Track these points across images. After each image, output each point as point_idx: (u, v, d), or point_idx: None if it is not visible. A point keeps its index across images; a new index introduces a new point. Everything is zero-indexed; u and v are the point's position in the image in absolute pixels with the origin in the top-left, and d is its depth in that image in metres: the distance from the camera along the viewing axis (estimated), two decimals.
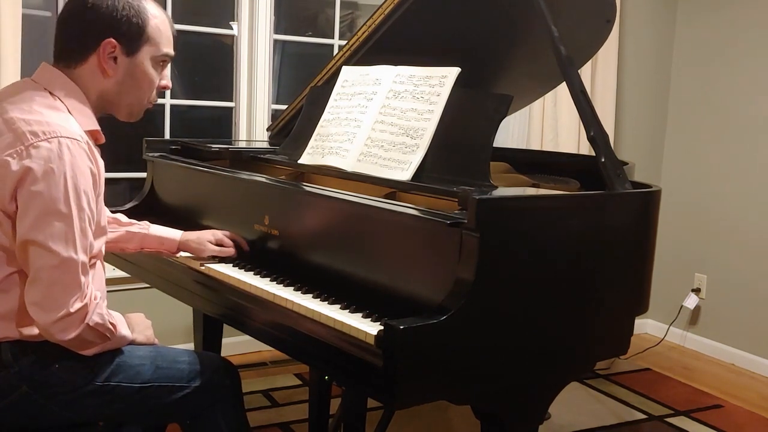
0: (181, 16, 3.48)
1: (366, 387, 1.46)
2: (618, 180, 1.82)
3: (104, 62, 1.58)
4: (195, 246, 1.99)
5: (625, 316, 1.81)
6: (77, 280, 1.49)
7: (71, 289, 1.49)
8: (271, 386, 3.20)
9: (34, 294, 1.48)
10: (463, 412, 2.72)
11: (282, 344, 1.78)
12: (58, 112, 1.54)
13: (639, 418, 3.11)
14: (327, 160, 2.02)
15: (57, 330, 1.49)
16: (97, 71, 1.60)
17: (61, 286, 1.48)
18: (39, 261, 1.47)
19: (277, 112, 3.42)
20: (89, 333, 1.53)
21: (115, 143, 3.72)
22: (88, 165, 1.51)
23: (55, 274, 1.47)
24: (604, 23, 2.34)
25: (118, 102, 1.66)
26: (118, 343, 1.64)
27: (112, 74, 1.60)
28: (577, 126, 3.76)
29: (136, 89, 1.65)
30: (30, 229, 1.46)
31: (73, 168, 1.47)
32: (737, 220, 3.86)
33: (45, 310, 1.48)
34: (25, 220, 1.46)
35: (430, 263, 1.53)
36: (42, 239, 1.45)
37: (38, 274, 1.47)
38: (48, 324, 1.48)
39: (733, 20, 3.88)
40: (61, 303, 1.48)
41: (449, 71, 1.89)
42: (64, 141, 1.47)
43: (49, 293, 1.48)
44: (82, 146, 1.50)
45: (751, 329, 3.79)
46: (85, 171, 1.50)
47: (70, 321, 1.49)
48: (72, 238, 1.48)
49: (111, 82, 1.61)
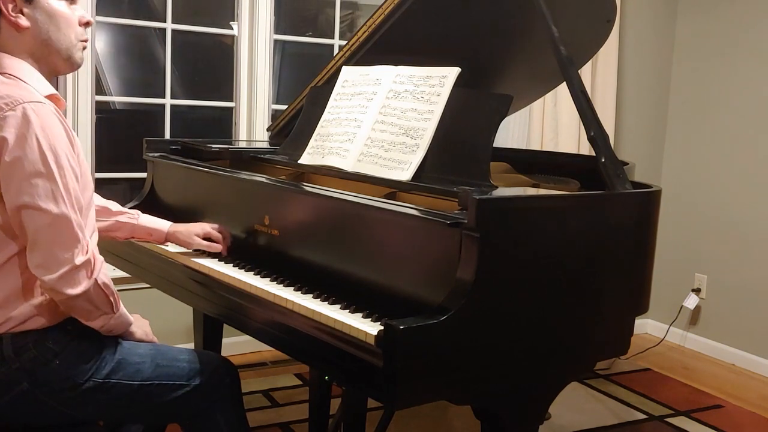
0: (181, 16, 3.48)
1: (366, 387, 1.46)
2: (618, 180, 1.82)
3: (13, 19, 1.58)
4: (182, 238, 2.02)
5: (625, 316, 1.81)
6: (75, 234, 1.51)
7: (71, 243, 1.51)
8: (271, 386, 3.20)
9: (37, 257, 1.50)
10: (463, 412, 2.72)
11: (282, 344, 1.78)
12: (14, 85, 1.55)
13: (639, 418, 3.11)
14: (327, 160, 2.02)
15: (65, 285, 1.50)
16: (13, 31, 1.60)
17: (60, 242, 1.50)
18: (33, 223, 1.49)
19: (277, 112, 3.43)
20: (97, 292, 1.55)
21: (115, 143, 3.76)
22: (59, 124, 1.53)
23: (51, 233, 1.49)
24: (604, 23, 2.34)
25: (50, 52, 1.64)
26: (120, 322, 1.66)
27: (26, 26, 1.59)
28: (577, 126, 3.76)
29: (57, 31, 1.63)
30: (17, 195, 1.48)
31: (44, 129, 1.49)
32: (737, 220, 3.86)
33: (50, 269, 1.50)
34: (10, 189, 1.49)
35: (430, 263, 1.53)
36: (30, 200, 1.48)
37: (36, 236, 1.49)
38: (55, 282, 1.50)
39: (733, 20, 3.88)
40: (63, 259, 1.50)
41: (449, 71, 1.89)
42: (28, 106, 1.49)
43: (50, 252, 1.49)
44: (48, 108, 1.52)
45: (751, 329, 3.79)
46: (56, 131, 1.52)
47: (77, 274, 1.51)
48: (59, 195, 1.50)
49: (30, 35, 1.60)
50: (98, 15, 3.20)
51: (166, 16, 3.39)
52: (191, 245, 2.01)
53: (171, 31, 3.41)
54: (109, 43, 3.89)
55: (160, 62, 3.66)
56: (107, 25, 3.54)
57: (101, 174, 3.31)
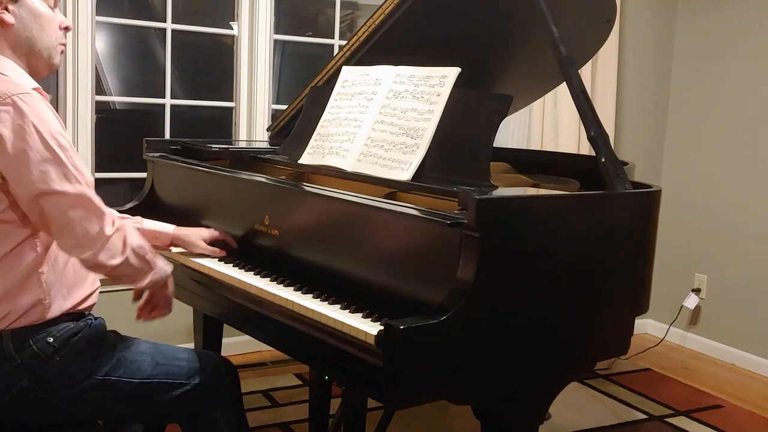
0: (181, 16, 3.48)
1: (366, 387, 1.46)
2: (618, 180, 1.82)
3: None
4: (187, 241, 2.01)
5: (625, 315, 1.81)
6: (98, 207, 1.55)
7: (97, 217, 1.55)
8: (271, 386, 3.20)
9: (69, 239, 1.54)
10: (463, 412, 2.72)
11: (282, 344, 1.78)
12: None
13: (639, 418, 3.11)
14: (327, 160, 2.02)
15: (105, 258, 1.55)
16: None
17: (87, 219, 1.53)
18: (55, 208, 1.51)
19: (277, 112, 3.42)
20: (134, 257, 1.61)
21: (115, 143, 3.76)
22: (49, 111, 1.55)
23: (76, 213, 1.52)
24: (605, 23, 2.34)
25: (32, 52, 1.64)
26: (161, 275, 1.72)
27: (11, 23, 1.60)
28: (577, 126, 3.76)
29: (40, 30, 1.64)
30: (31, 185, 1.50)
31: (38, 116, 1.51)
32: (737, 220, 3.86)
33: (85, 247, 1.54)
34: (22, 182, 1.50)
35: (430, 263, 1.53)
36: (46, 187, 1.50)
37: (62, 220, 1.52)
38: (94, 257, 1.54)
39: (734, 20, 3.88)
40: (95, 234, 1.54)
41: (449, 71, 1.89)
42: (18, 98, 1.50)
43: (81, 231, 1.53)
44: (37, 97, 1.54)
45: (751, 329, 3.79)
46: (49, 116, 1.54)
47: (113, 244, 1.56)
48: (71, 175, 1.52)
49: (14, 32, 1.61)
50: (98, 15, 3.20)
51: (166, 16, 3.38)
52: (196, 248, 1.99)
53: (171, 31, 3.40)
54: (109, 43, 3.89)
55: (160, 62, 3.66)
56: (107, 25, 3.54)
57: (101, 174, 3.31)
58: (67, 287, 1.63)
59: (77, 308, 1.66)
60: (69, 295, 1.64)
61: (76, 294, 1.66)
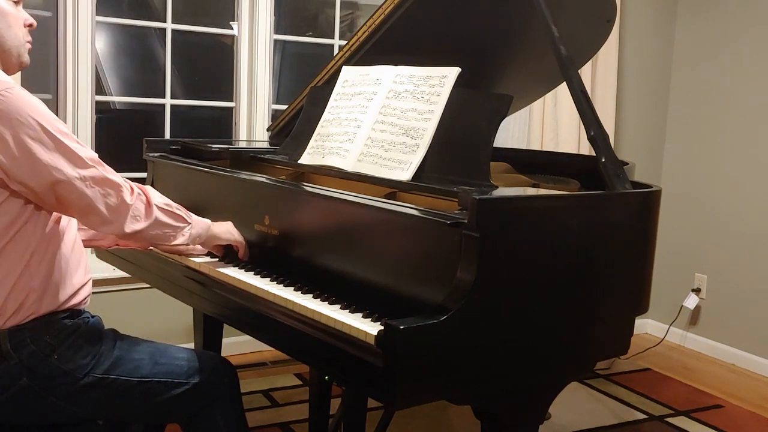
0: (181, 16, 3.48)
1: (366, 387, 1.46)
2: (618, 180, 1.82)
3: None
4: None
5: (625, 316, 1.81)
6: (112, 180, 1.58)
7: (115, 190, 1.58)
8: (271, 386, 3.20)
9: (93, 218, 1.58)
10: (463, 412, 2.72)
11: (282, 344, 1.78)
12: None
13: (639, 418, 3.11)
14: (327, 160, 2.02)
15: (134, 224, 1.61)
16: None
17: (105, 194, 1.57)
18: (72, 193, 1.54)
19: (277, 112, 3.43)
20: (163, 214, 1.66)
21: (115, 143, 3.76)
22: (36, 99, 1.55)
23: (93, 192, 1.55)
24: (604, 23, 2.34)
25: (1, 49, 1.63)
26: (201, 227, 1.78)
27: None
28: (578, 126, 3.76)
29: (7, 29, 1.63)
30: (43, 177, 1.51)
31: (30, 105, 1.51)
32: (737, 220, 3.86)
33: (112, 221, 1.59)
34: (33, 175, 1.51)
35: (431, 263, 1.53)
36: (58, 175, 1.52)
37: (82, 202, 1.55)
38: (124, 227, 1.60)
39: (734, 20, 3.88)
40: (118, 206, 1.58)
41: (449, 71, 1.89)
42: (4, 92, 1.49)
43: (103, 208, 1.57)
44: (20, 89, 1.53)
45: (751, 329, 3.79)
46: (40, 104, 1.54)
47: (137, 210, 1.61)
48: (76, 156, 1.54)
49: None
50: (98, 15, 3.20)
51: (166, 16, 3.39)
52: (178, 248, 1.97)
53: (171, 31, 3.41)
54: (109, 43, 3.89)
55: (160, 62, 3.66)
56: (107, 25, 3.54)
57: None
58: (60, 280, 1.63)
59: (71, 302, 1.66)
60: (63, 287, 1.64)
61: (70, 286, 1.65)
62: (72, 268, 1.67)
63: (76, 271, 1.69)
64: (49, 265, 1.61)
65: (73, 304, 1.66)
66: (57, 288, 1.62)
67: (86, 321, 1.68)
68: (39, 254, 1.59)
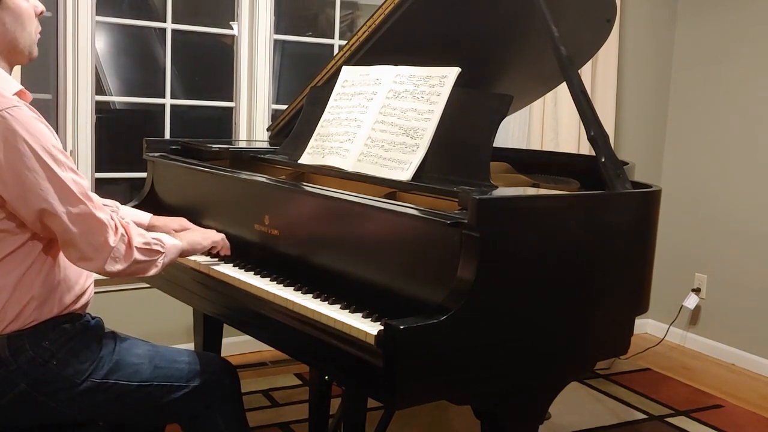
0: (181, 16, 3.48)
1: (366, 387, 1.46)
2: (618, 180, 1.82)
3: None
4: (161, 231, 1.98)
5: (625, 315, 1.81)
6: (98, 220, 1.55)
7: (99, 231, 1.55)
8: (271, 386, 3.20)
9: (74, 252, 1.56)
10: (463, 412, 2.72)
11: (282, 344, 1.78)
12: None
13: (639, 418, 3.11)
14: (327, 160, 2.02)
15: (113, 267, 1.58)
16: None
17: (89, 233, 1.54)
18: (57, 225, 1.52)
19: (277, 112, 3.42)
20: (141, 254, 1.62)
21: (115, 143, 3.76)
22: (39, 122, 1.52)
23: (77, 229, 1.53)
24: (605, 23, 2.34)
25: (15, 52, 1.64)
26: (175, 253, 1.74)
27: None
28: (578, 126, 3.76)
29: (22, 30, 1.63)
30: (31, 204, 1.50)
31: (30, 132, 1.48)
32: (738, 220, 3.86)
33: (91, 258, 1.56)
34: (22, 201, 1.50)
35: (431, 263, 1.53)
36: (46, 206, 1.50)
37: (65, 236, 1.54)
38: (102, 267, 1.57)
39: (734, 20, 3.88)
40: (100, 247, 1.55)
41: (449, 71, 1.89)
42: (5, 114, 1.47)
43: (84, 245, 1.54)
44: (24, 109, 1.51)
45: (751, 329, 3.79)
46: (41, 128, 1.51)
47: (118, 252, 1.58)
48: (68, 190, 1.52)
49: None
50: (98, 15, 3.20)
51: (166, 16, 3.38)
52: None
53: (171, 31, 3.40)
54: (109, 43, 3.89)
55: (160, 62, 3.66)
56: (107, 25, 3.54)
57: (101, 174, 3.31)
58: (61, 287, 1.63)
59: (72, 307, 1.65)
60: (63, 295, 1.63)
61: (70, 293, 1.65)
62: (74, 275, 1.67)
63: (78, 278, 1.68)
64: (50, 274, 1.61)
65: (73, 310, 1.66)
66: (58, 295, 1.62)
67: (86, 325, 1.68)
68: (40, 262, 1.59)
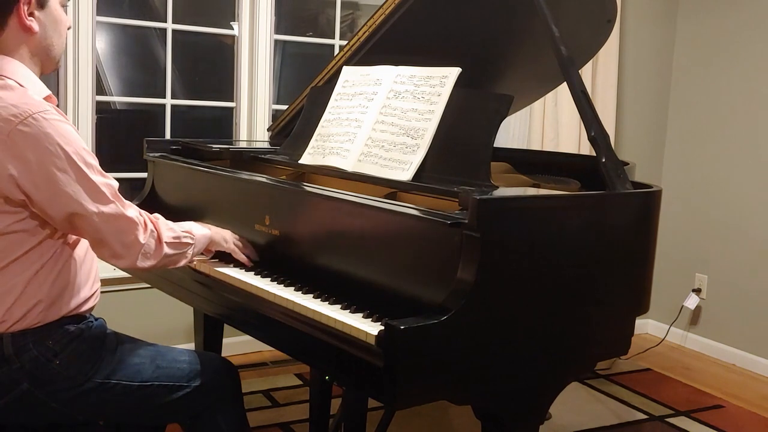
0: (182, 16, 3.48)
1: (366, 387, 1.46)
2: (618, 180, 1.82)
3: (27, 22, 1.59)
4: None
5: (625, 316, 1.81)
6: (128, 218, 1.59)
7: (130, 229, 1.60)
8: (272, 386, 3.20)
9: (106, 251, 1.60)
10: (463, 412, 2.72)
11: (282, 344, 1.78)
12: (14, 91, 1.54)
13: (639, 418, 3.11)
14: (328, 160, 2.02)
15: (144, 263, 1.63)
16: (20, 32, 1.60)
17: (120, 231, 1.58)
18: (89, 225, 1.55)
19: (278, 112, 3.43)
20: (171, 248, 1.68)
21: (115, 143, 3.76)
22: (69, 126, 1.55)
23: (108, 228, 1.56)
24: (605, 23, 2.34)
25: (48, 57, 1.66)
26: (204, 243, 1.81)
27: (35, 30, 1.60)
28: (578, 126, 3.76)
29: (57, 36, 1.66)
30: (62, 206, 1.52)
31: (61, 135, 1.50)
32: (738, 220, 3.86)
33: (123, 257, 1.61)
34: (52, 203, 1.51)
35: (431, 263, 1.53)
36: (78, 208, 1.52)
37: (96, 235, 1.57)
38: (134, 264, 1.62)
39: (734, 20, 3.88)
40: (131, 244, 1.60)
41: (450, 71, 1.89)
42: (38, 116, 1.49)
43: (116, 244, 1.58)
44: (54, 113, 1.53)
45: (752, 329, 3.79)
46: (71, 131, 1.54)
47: (150, 250, 1.63)
48: (98, 191, 1.55)
49: (36, 38, 1.62)
50: (98, 15, 3.20)
51: (166, 16, 3.39)
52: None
53: (171, 31, 3.41)
54: (109, 43, 3.89)
55: (160, 62, 3.66)
56: (107, 25, 3.54)
57: None
58: (69, 291, 1.63)
59: (78, 310, 1.66)
60: (70, 298, 1.63)
61: (77, 297, 1.65)
62: (82, 280, 1.67)
63: (85, 283, 1.69)
64: (60, 277, 1.61)
65: (79, 312, 1.67)
66: (66, 299, 1.62)
67: (89, 326, 1.68)
68: (51, 264, 1.59)
